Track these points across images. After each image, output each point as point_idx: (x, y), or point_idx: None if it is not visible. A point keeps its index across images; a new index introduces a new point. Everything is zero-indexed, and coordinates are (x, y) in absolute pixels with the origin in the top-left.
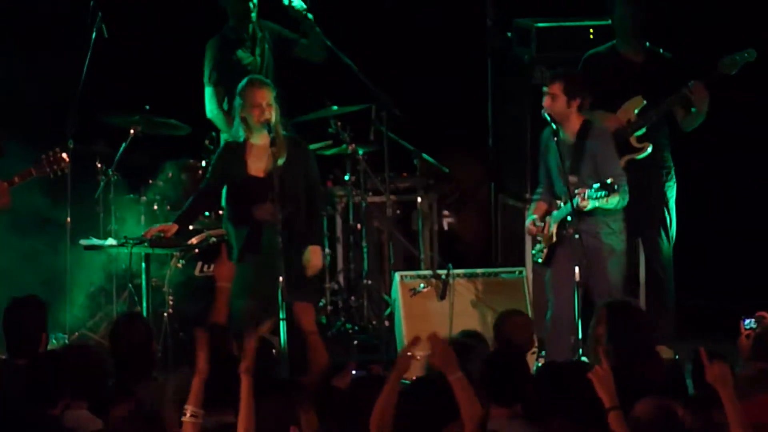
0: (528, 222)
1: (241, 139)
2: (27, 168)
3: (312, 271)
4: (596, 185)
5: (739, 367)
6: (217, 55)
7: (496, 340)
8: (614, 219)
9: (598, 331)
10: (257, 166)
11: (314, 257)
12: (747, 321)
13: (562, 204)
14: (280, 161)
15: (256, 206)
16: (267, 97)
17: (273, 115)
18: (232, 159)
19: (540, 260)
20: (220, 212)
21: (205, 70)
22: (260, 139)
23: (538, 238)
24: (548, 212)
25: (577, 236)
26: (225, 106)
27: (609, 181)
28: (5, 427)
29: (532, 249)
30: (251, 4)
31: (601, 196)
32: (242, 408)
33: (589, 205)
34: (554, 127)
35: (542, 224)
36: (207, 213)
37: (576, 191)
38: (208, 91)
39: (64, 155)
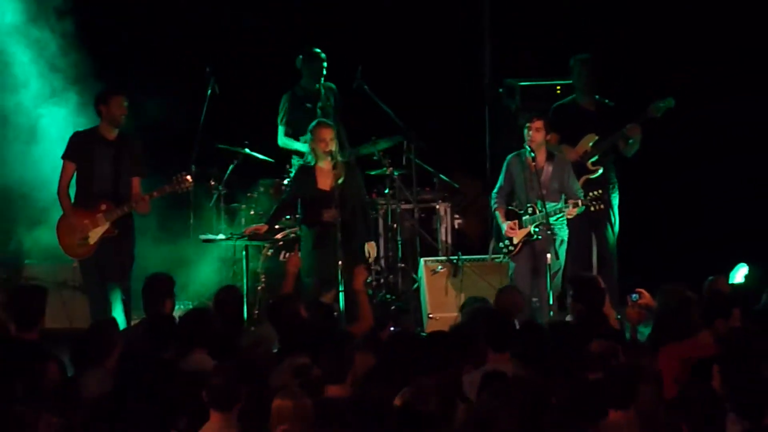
0: (506, 226)
1: (312, 164)
2: (163, 186)
3: (371, 257)
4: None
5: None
6: (288, 104)
7: (496, 306)
8: (563, 221)
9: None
10: (324, 182)
11: (371, 248)
12: (633, 295)
13: (530, 211)
14: (340, 180)
15: (323, 211)
16: (330, 134)
17: (334, 147)
18: (305, 178)
19: (508, 252)
20: (297, 216)
21: (279, 113)
22: (324, 164)
23: (512, 237)
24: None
25: (549, 232)
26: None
27: (582, 197)
28: (136, 369)
29: (497, 245)
30: (323, 70)
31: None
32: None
33: (575, 213)
34: (532, 154)
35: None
36: (287, 217)
37: (564, 204)
38: (281, 129)
39: (189, 177)
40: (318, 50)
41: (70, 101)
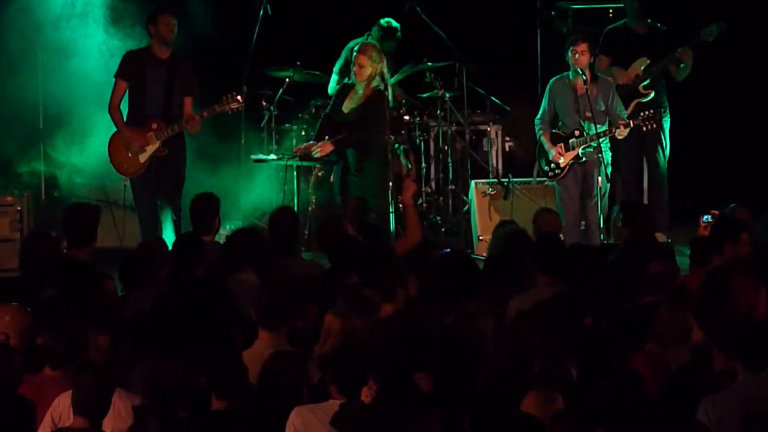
0: (553, 151)
1: (352, 83)
2: (212, 106)
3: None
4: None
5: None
6: (346, 56)
7: (535, 227)
8: (607, 144)
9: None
10: (348, 104)
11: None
12: (705, 217)
13: (576, 134)
14: (356, 104)
15: (340, 132)
16: (365, 60)
17: (368, 73)
18: (340, 96)
19: (555, 175)
20: None
21: (338, 61)
22: (358, 87)
23: (559, 160)
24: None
25: (597, 155)
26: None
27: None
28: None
29: (543, 167)
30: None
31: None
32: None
33: (626, 133)
34: (583, 76)
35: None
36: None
37: (616, 125)
38: (333, 78)
39: (239, 97)
40: (396, 26)
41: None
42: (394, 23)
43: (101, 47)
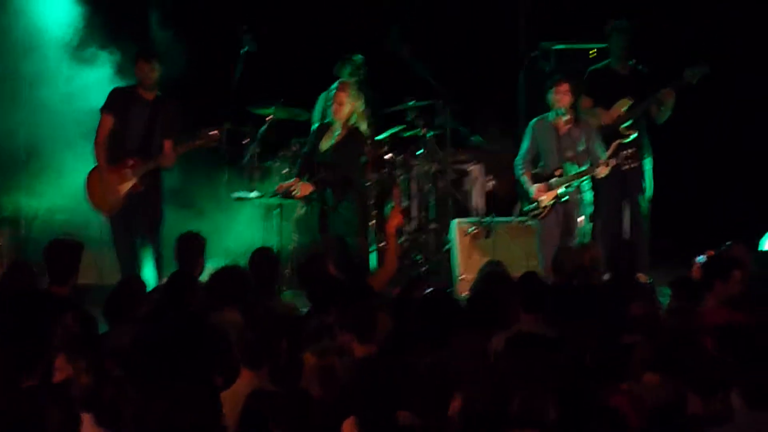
0: (534, 189)
1: (330, 122)
2: (189, 141)
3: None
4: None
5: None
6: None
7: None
8: (589, 184)
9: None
10: (325, 142)
11: (302, 188)
12: (700, 257)
13: (558, 174)
14: (331, 142)
15: (317, 170)
16: (344, 98)
17: (345, 112)
18: (318, 135)
19: (536, 214)
20: None
21: (314, 115)
22: (335, 125)
23: (541, 198)
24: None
25: (578, 195)
26: None
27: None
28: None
29: (523, 207)
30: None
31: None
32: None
33: (607, 171)
34: (564, 116)
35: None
36: None
37: (597, 165)
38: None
39: (216, 132)
40: (359, 59)
41: (105, 63)
42: (359, 57)
43: (65, 79)
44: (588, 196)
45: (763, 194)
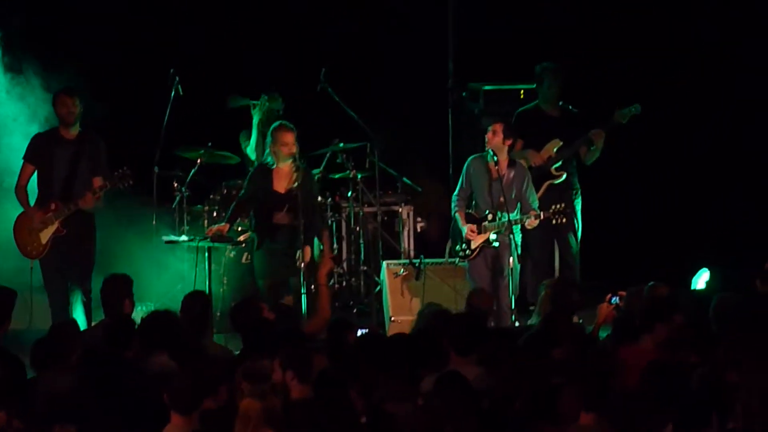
0: (466, 229)
1: (271, 165)
2: (104, 182)
3: (304, 263)
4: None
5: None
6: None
7: (468, 308)
8: (518, 227)
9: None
10: (280, 185)
11: (306, 253)
12: (613, 299)
13: (490, 218)
14: (296, 184)
15: (275, 214)
16: (292, 137)
17: (296, 150)
18: (262, 179)
19: (465, 255)
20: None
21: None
22: (284, 167)
23: (471, 239)
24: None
25: (507, 239)
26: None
27: (536, 208)
28: (99, 366)
29: (454, 248)
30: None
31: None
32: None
33: (536, 224)
34: (495, 158)
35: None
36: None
37: (526, 214)
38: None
39: (129, 172)
40: (277, 96)
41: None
42: (275, 94)
43: None
44: (517, 237)
45: (692, 234)
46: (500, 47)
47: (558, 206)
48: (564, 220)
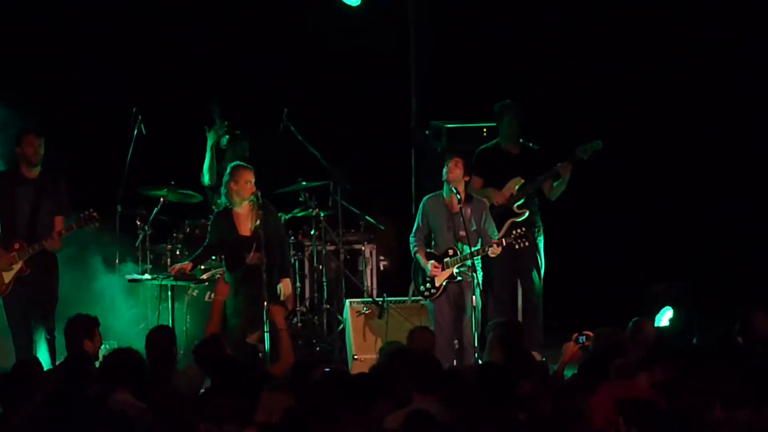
0: (430, 266)
1: (229, 207)
2: (70, 224)
3: (285, 296)
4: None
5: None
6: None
7: (409, 347)
8: (479, 264)
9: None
10: (244, 227)
11: (285, 286)
12: (580, 338)
13: (451, 253)
14: (258, 222)
15: (246, 255)
16: (252, 176)
17: (252, 189)
18: (224, 224)
19: (430, 294)
20: (221, 258)
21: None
22: (242, 208)
23: (435, 276)
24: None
25: (470, 274)
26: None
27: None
28: (68, 409)
29: (417, 287)
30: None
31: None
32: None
33: (499, 252)
34: (455, 191)
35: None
36: (213, 258)
37: (489, 244)
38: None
39: (95, 214)
40: (243, 137)
41: None
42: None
43: None
44: (479, 275)
45: (656, 270)
46: (463, 86)
47: (519, 230)
48: (527, 243)
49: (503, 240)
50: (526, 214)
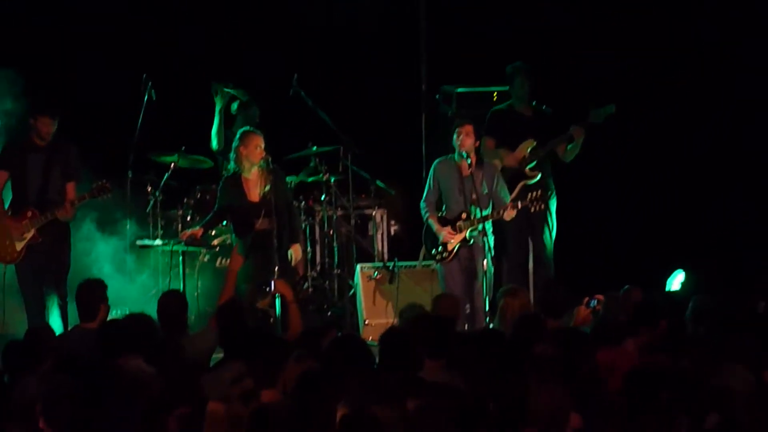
0: (444, 232)
1: (240, 173)
2: (83, 194)
3: (295, 261)
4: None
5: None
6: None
7: (433, 312)
8: (490, 228)
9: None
10: (253, 192)
11: (295, 251)
12: (591, 302)
13: (464, 217)
14: (267, 188)
15: (255, 221)
16: (262, 141)
17: (263, 154)
18: (234, 189)
19: (442, 258)
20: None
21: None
22: (251, 174)
23: (450, 241)
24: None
25: (483, 238)
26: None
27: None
28: (80, 375)
29: (429, 251)
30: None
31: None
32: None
33: (514, 214)
34: (466, 158)
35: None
36: (224, 222)
37: (504, 207)
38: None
39: (108, 185)
40: (252, 103)
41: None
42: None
43: None
44: (491, 239)
45: (666, 235)
46: (474, 49)
47: (534, 194)
48: (543, 206)
49: (519, 203)
50: (538, 176)
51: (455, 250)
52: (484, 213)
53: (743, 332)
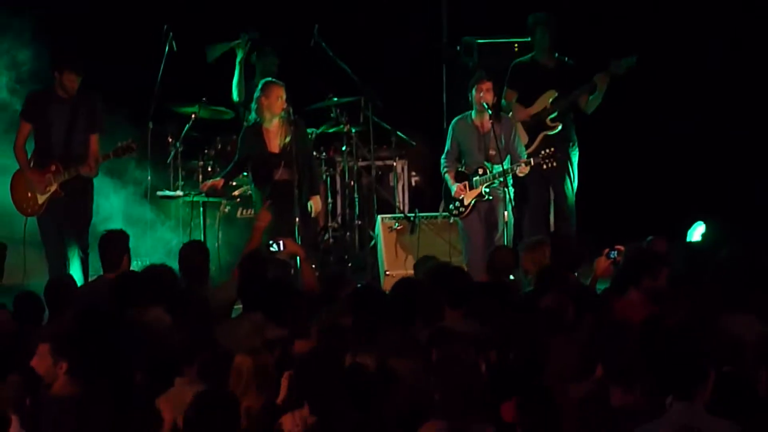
0: (455, 188)
1: (261, 123)
2: (108, 152)
3: (315, 213)
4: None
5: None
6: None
7: (490, 264)
8: (510, 180)
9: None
10: (273, 143)
11: (315, 203)
12: (612, 253)
13: (480, 172)
14: (287, 139)
15: (274, 171)
16: (283, 92)
17: (283, 105)
18: (254, 140)
19: (459, 213)
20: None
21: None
22: (272, 125)
23: (462, 196)
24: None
25: (500, 191)
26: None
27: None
28: (100, 324)
29: (449, 205)
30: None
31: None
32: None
33: (527, 171)
34: (489, 111)
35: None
36: (244, 174)
37: (518, 163)
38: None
39: (133, 144)
40: (270, 52)
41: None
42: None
43: None
44: (511, 191)
45: (686, 187)
46: (495, 0)
47: (548, 151)
48: (555, 164)
49: (531, 160)
50: (559, 127)
51: (471, 205)
52: (500, 168)
53: (758, 283)
